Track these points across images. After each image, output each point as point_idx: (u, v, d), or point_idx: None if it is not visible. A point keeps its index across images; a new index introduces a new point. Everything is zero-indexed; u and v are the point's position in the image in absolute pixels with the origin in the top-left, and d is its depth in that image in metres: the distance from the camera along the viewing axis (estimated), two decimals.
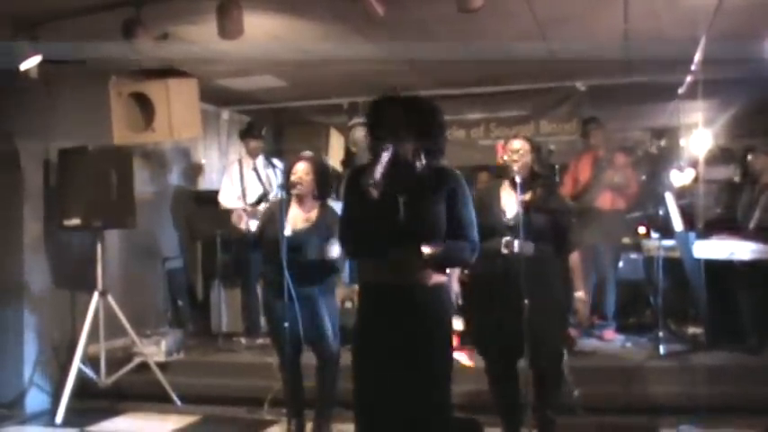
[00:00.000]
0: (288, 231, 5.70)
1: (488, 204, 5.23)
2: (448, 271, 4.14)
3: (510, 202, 5.25)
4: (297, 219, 5.81)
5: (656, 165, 8.82)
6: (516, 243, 5.11)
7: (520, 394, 5.31)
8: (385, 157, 3.84)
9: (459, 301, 5.69)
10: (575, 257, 5.38)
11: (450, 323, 4.21)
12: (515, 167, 5.20)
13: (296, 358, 5.87)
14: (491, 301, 5.24)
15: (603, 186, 8.00)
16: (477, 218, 4.21)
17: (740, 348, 6.80)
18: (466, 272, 6.02)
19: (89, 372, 7.15)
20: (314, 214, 5.84)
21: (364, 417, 4.02)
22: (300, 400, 6.03)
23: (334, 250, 5.61)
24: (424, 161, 4.00)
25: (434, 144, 4.04)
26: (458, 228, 4.02)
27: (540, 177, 5.31)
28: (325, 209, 5.87)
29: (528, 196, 5.24)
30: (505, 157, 5.32)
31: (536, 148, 5.35)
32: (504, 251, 5.17)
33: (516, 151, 5.28)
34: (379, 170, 3.81)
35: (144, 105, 7.64)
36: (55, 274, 7.51)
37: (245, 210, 8.06)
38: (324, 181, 5.90)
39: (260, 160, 8.64)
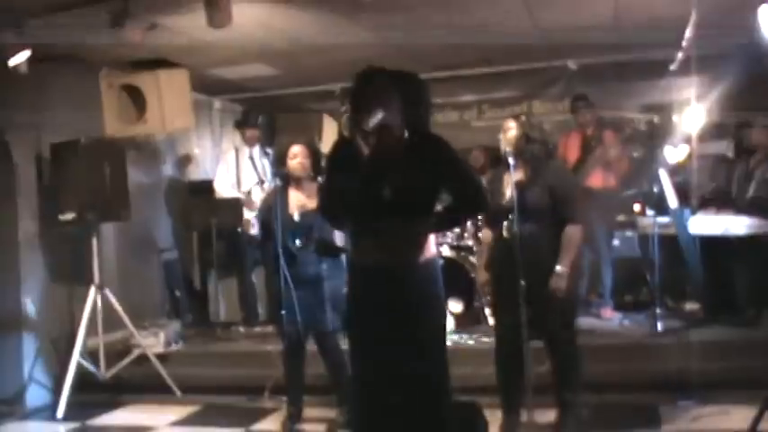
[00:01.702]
0: (296, 216, 5.73)
1: (493, 190, 5.26)
2: (434, 250, 4.11)
3: (509, 185, 5.26)
4: (300, 202, 5.83)
5: (648, 142, 8.81)
6: (515, 226, 5.12)
7: (523, 375, 5.34)
8: (379, 114, 3.80)
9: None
10: (570, 230, 5.24)
11: (441, 300, 4.15)
12: (505, 147, 5.23)
13: (300, 343, 5.87)
14: (502, 284, 5.30)
15: (593, 165, 8.00)
16: None
17: (737, 322, 6.82)
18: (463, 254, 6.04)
19: (89, 365, 7.15)
20: (313, 195, 5.85)
21: (361, 400, 4.03)
22: (300, 386, 6.05)
23: (340, 237, 5.66)
24: (407, 134, 3.96)
25: (418, 115, 4.01)
26: (455, 183, 4.04)
27: (530, 151, 5.28)
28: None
29: (520, 175, 5.24)
30: (500, 137, 5.35)
31: (525, 125, 5.34)
32: (506, 235, 5.18)
33: (507, 130, 5.31)
34: (372, 118, 3.78)
35: (135, 97, 7.63)
36: (51, 269, 7.51)
37: (243, 201, 8.10)
38: (318, 161, 5.96)
39: (256, 149, 8.65)
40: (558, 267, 5.18)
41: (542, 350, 5.44)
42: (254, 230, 6.03)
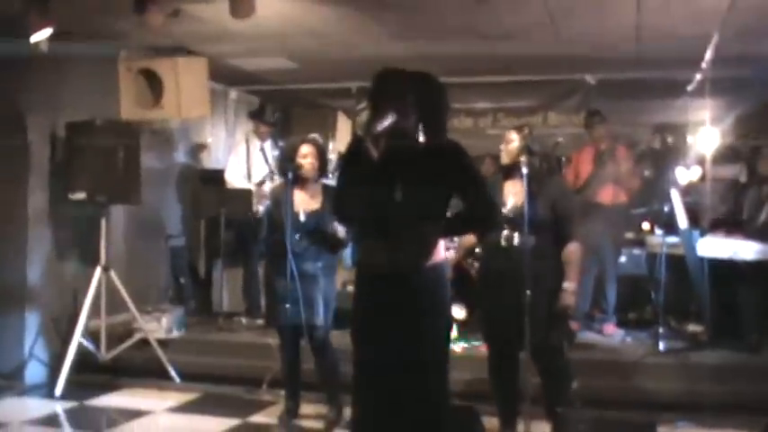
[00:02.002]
0: (302, 216, 5.74)
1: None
2: (443, 254, 4.09)
3: (509, 195, 5.26)
4: (305, 201, 5.84)
5: (661, 161, 8.80)
6: (516, 236, 5.13)
7: (518, 385, 5.34)
8: (389, 118, 3.74)
9: None
10: (571, 248, 5.24)
11: (447, 304, 4.13)
12: (503, 157, 5.28)
13: (295, 339, 5.90)
14: (494, 293, 5.26)
15: (605, 180, 7.99)
16: None
17: (740, 347, 6.81)
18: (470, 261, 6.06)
19: (89, 346, 7.17)
20: (318, 196, 5.87)
21: (360, 402, 4.02)
22: (297, 381, 6.07)
23: (342, 230, 5.67)
24: (424, 138, 3.90)
25: (435, 119, 3.95)
26: (468, 195, 3.99)
27: (531, 164, 5.27)
28: (327, 190, 5.90)
29: (519, 184, 5.24)
30: (501, 147, 5.37)
31: (526, 137, 5.33)
32: (504, 244, 5.19)
33: (507, 141, 5.34)
34: (381, 123, 3.73)
35: (153, 82, 7.65)
36: (58, 248, 7.52)
37: (254, 192, 8.11)
38: (325, 163, 6.01)
39: (268, 142, 8.66)
40: (565, 284, 5.17)
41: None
42: (262, 206, 6.04)
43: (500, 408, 5.43)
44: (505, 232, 5.17)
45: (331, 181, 6.37)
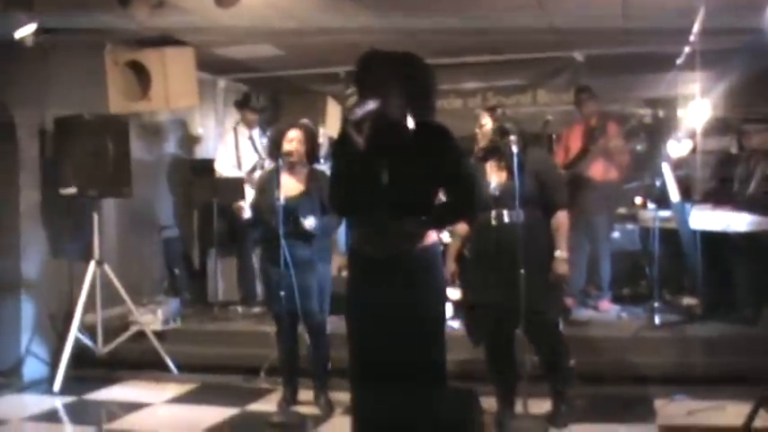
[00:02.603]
0: (281, 200, 5.73)
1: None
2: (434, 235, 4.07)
3: (493, 175, 5.27)
4: (291, 186, 5.83)
5: (652, 135, 8.81)
6: (505, 214, 5.14)
7: (516, 365, 5.36)
8: (370, 104, 3.70)
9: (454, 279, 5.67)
10: (559, 216, 5.27)
11: (442, 286, 4.12)
12: (477, 140, 5.30)
13: (292, 326, 5.91)
14: (487, 273, 5.26)
15: (595, 156, 8.00)
16: None
17: (735, 319, 6.82)
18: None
19: (86, 340, 7.17)
20: (303, 180, 5.87)
21: (358, 386, 4.02)
22: (295, 368, 6.09)
23: (311, 222, 5.67)
24: (411, 121, 3.83)
25: (423, 102, 3.89)
26: (451, 182, 3.96)
27: (505, 142, 5.25)
28: (315, 174, 5.90)
29: (499, 164, 5.25)
30: (476, 130, 5.38)
31: (499, 117, 5.35)
32: (494, 223, 5.19)
33: (480, 125, 5.38)
34: (360, 110, 3.69)
35: (140, 74, 7.65)
36: (52, 243, 7.51)
37: (244, 180, 8.11)
38: (314, 148, 5.98)
39: (256, 130, 8.65)
40: (557, 252, 5.22)
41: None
42: (246, 215, 6.01)
43: (497, 387, 5.45)
44: (494, 212, 5.17)
45: (323, 167, 6.36)
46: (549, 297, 5.26)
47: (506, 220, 5.15)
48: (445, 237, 7.53)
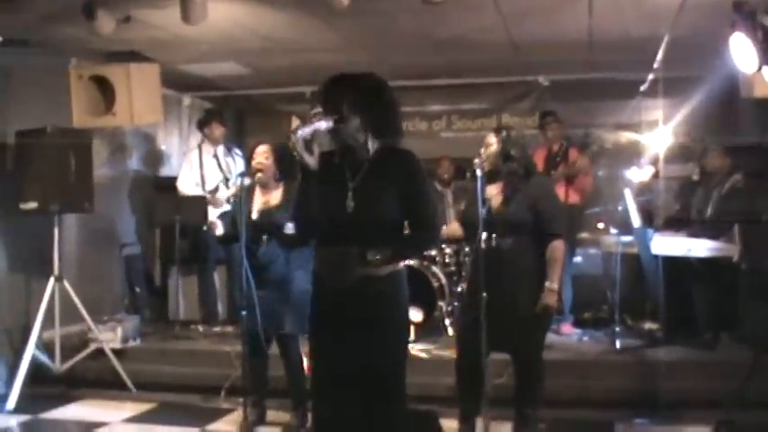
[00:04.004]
0: (254, 214, 5.71)
1: (469, 200, 5.25)
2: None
3: (490, 197, 5.28)
4: (261, 202, 5.82)
5: (613, 161, 8.88)
6: (494, 237, 5.14)
7: (483, 385, 5.36)
8: (318, 124, 3.70)
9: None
10: (555, 246, 5.21)
11: (404, 312, 4.07)
12: (479, 161, 5.23)
13: (261, 346, 5.83)
14: (472, 295, 5.25)
15: (556, 180, 8.06)
16: (462, 214, 4.18)
17: (695, 344, 6.88)
18: (426, 264, 6.07)
19: (43, 358, 7.07)
20: (277, 195, 5.84)
21: (319, 409, 3.99)
22: (262, 389, 6.04)
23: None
24: (373, 143, 3.85)
25: (384, 124, 3.87)
26: (413, 212, 3.88)
27: (508, 168, 5.29)
28: (288, 188, 5.84)
29: (496, 189, 5.26)
30: (481, 151, 5.34)
31: (506, 141, 5.34)
32: (483, 246, 5.19)
33: (485, 145, 5.33)
34: (304, 130, 3.67)
35: (104, 89, 7.57)
36: (10, 258, 7.41)
37: (207, 200, 8.07)
38: (284, 162, 5.88)
39: (220, 148, 8.62)
40: (547, 283, 5.16)
41: (500, 362, 5.47)
42: (219, 232, 5.95)
43: (463, 407, 5.43)
44: (485, 234, 5.17)
45: None
46: (534, 323, 5.23)
47: (494, 244, 5.15)
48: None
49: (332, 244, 3.86)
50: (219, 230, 5.96)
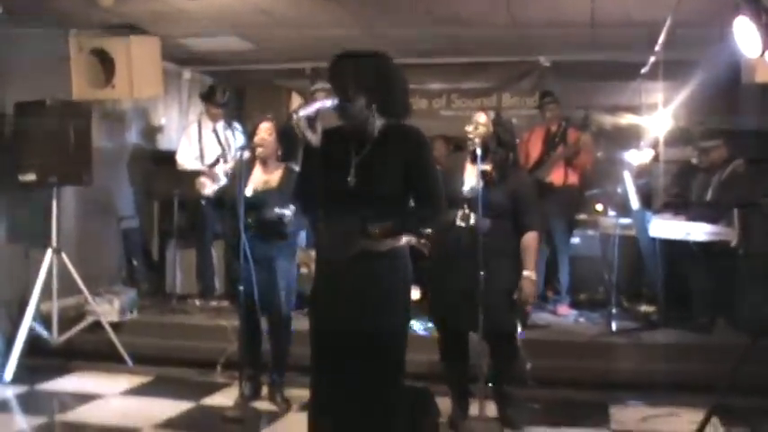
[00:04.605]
0: (248, 192, 5.70)
1: (450, 175, 5.23)
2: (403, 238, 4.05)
3: (470, 175, 5.26)
4: (259, 180, 5.81)
5: (613, 143, 8.88)
6: (473, 216, 5.14)
7: (469, 367, 5.39)
8: (320, 103, 3.74)
9: None
10: (529, 237, 5.27)
11: (406, 289, 4.10)
12: (474, 140, 5.22)
13: (255, 321, 5.86)
14: (446, 273, 5.26)
15: (555, 161, 8.07)
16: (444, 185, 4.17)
17: (691, 327, 6.90)
18: (423, 241, 6.07)
19: (41, 329, 7.08)
20: (276, 176, 5.84)
21: (317, 383, 4.01)
22: (257, 363, 6.06)
23: (288, 214, 5.61)
24: (379, 120, 3.87)
25: (392, 102, 3.89)
26: (420, 189, 3.92)
27: (498, 153, 5.30)
28: (288, 171, 5.84)
29: (486, 167, 5.26)
30: (468, 128, 5.33)
31: (498, 123, 5.35)
32: (461, 224, 5.19)
33: (477, 124, 5.30)
34: (306, 109, 3.71)
35: (105, 62, 7.56)
36: (8, 230, 7.40)
37: (205, 173, 8.06)
38: (288, 142, 5.88)
39: (220, 122, 8.60)
40: (525, 272, 5.21)
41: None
42: (207, 191, 5.93)
43: (451, 387, 5.48)
44: (462, 212, 5.17)
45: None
46: (507, 304, 5.25)
47: (472, 222, 5.15)
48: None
49: (333, 218, 3.88)
50: (208, 189, 5.93)
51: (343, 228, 3.83)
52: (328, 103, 3.75)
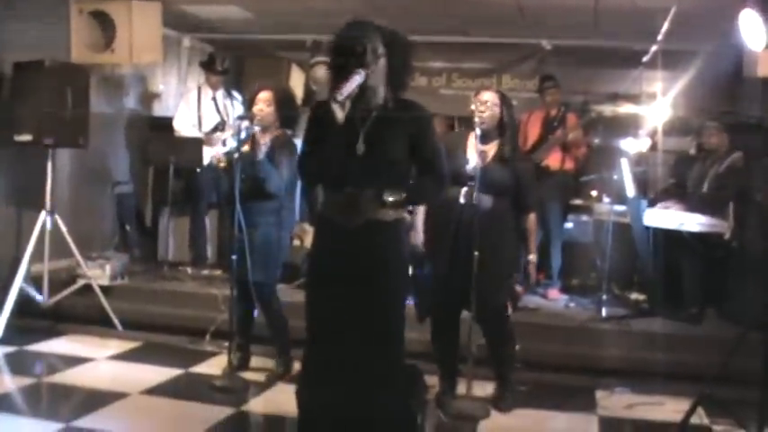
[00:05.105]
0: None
1: (453, 152, 5.22)
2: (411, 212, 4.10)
3: (474, 153, 5.26)
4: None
5: (611, 130, 8.87)
6: (475, 194, 5.14)
7: (458, 345, 5.40)
8: (356, 78, 3.74)
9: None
10: (532, 218, 5.39)
11: (406, 261, 4.16)
12: (480, 118, 5.22)
13: (246, 291, 5.85)
14: (442, 250, 5.25)
15: (552, 145, 8.08)
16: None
17: (680, 317, 6.91)
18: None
19: (31, 291, 7.06)
20: (269, 143, 5.80)
21: (313, 352, 4.03)
22: (247, 334, 6.07)
23: (275, 179, 5.60)
24: (386, 92, 3.93)
25: (401, 79, 3.96)
26: (424, 161, 4.00)
27: (506, 132, 5.30)
28: (281, 137, 5.82)
29: (489, 148, 5.26)
30: (473, 107, 5.32)
31: (506, 103, 5.35)
32: (462, 201, 5.19)
33: (484, 102, 5.29)
34: (347, 87, 3.72)
35: (105, 25, 7.52)
36: (2, 190, 7.38)
37: (206, 138, 8.05)
38: (287, 111, 5.88)
39: (220, 90, 8.58)
40: (531, 256, 5.36)
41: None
42: (222, 164, 5.92)
43: (440, 365, 5.49)
44: (465, 189, 5.17)
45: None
46: (498, 284, 5.28)
47: (474, 200, 5.15)
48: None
49: (342, 187, 3.89)
50: (222, 163, 5.93)
51: (352, 198, 3.86)
52: (358, 78, 3.75)
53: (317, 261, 4.07)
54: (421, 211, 5.36)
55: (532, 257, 5.36)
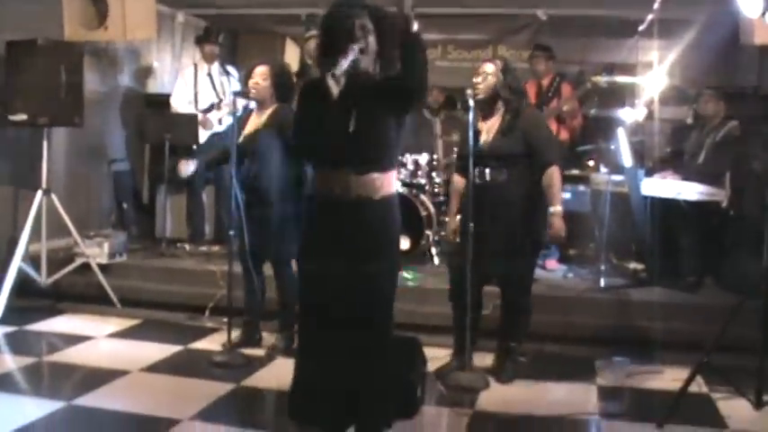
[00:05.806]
0: (241, 138, 5.69)
1: (462, 135, 5.23)
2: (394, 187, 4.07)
3: (483, 131, 5.26)
4: (251, 125, 5.78)
5: (607, 100, 8.84)
6: (488, 171, 5.15)
7: (480, 320, 5.44)
8: (352, 53, 3.75)
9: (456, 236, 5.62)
10: (551, 171, 5.23)
11: (396, 238, 4.17)
12: (475, 90, 5.21)
13: (256, 267, 5.85)
14: (466, 229, 5.27)
15: (547, 116, 8.04)
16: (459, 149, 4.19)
17: (678, 286, 6.92)
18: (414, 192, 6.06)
19: (30, 270, 7.07)
20: (266, 115, 5.79)
21: (305, 328, 4.09)
22: (256, 309, 6.08)
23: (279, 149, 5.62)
24: (376, 69, 3.92)
25: (392, 55, 3.90)
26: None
27: (512, 101, 5.27)
28: (278, 111, 5.80)
29: (492, 123, 5.25)
30: (476, 80, 5.30)
31: (507, 71, 5.32)
32: (478, 181, 5.19)
33: (481, 73, 5.28)
34: (343, 63, 3.74)
35: (98, 2, 7.48)
36: None
37: (201, 119, 8.03)
38: (283, 85, 5.87)
39: (215, 66, 8.54)
40: (551, 209, 5.24)
41: (486, 294, 5.52)
42: (188, 172, 5.96)
43: (457, 338, 5.51)
44: (477, 169, 5.19)
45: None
46: (525, 255, 5.31)
47: (488, 178, 5.17)
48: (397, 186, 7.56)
49: (333, 163, 3.89)
50: (189, 170, 5.96)
51: (343, 173, 3.85)
52: (352, 54, 3.76)
53: (307, 237, 4.09)
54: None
55: (553, 209, 5.22)
